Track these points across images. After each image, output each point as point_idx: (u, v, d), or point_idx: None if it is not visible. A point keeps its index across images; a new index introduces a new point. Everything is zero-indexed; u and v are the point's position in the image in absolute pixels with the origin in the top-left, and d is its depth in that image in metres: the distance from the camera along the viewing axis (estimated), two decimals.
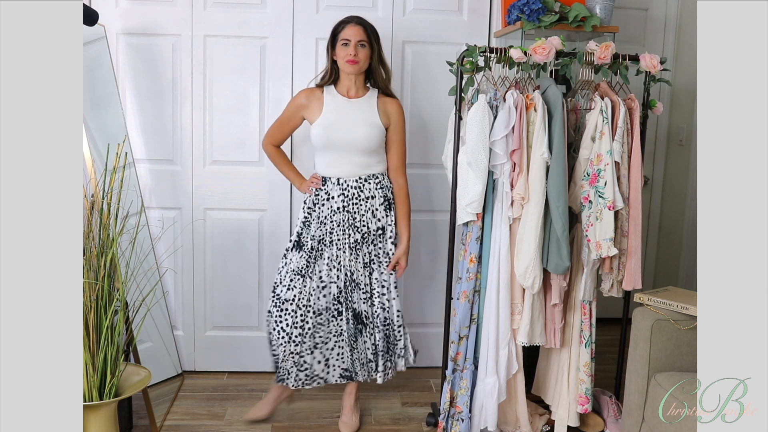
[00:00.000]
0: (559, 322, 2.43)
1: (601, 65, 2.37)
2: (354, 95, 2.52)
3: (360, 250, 2.51)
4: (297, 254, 2.52)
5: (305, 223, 2.53)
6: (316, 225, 2.51)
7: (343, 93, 2.52)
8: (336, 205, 2.49)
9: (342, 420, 2.64)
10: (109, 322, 2.10)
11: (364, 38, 2.43)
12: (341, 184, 2.50)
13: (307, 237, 2.52)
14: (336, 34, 2.46)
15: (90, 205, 2.16)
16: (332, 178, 2.51)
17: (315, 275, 2.50)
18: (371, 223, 2.52)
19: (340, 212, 2.49)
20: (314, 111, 2.51)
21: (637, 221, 2.35)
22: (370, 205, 2.52)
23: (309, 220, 2.53)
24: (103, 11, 2.75)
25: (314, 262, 2.50)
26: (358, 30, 2.43)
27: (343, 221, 2.49)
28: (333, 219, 2.50)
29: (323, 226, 2.51)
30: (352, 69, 2.44)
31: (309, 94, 2.54)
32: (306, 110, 2.54)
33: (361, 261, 2.52)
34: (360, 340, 2.54)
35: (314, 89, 2.55)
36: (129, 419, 2.56)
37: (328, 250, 2.50)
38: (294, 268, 2.51)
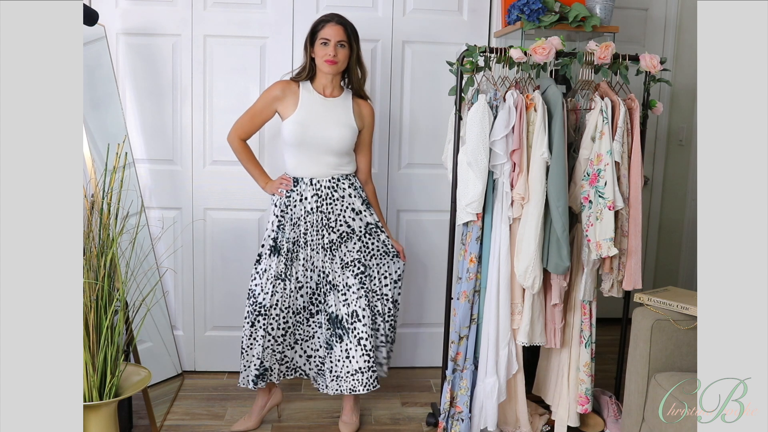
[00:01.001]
0: (559, 322, 2.43)
1: (601, 65, 2.37)
2: (330, 94, 2.48)
3: (337, 251, 2.48)
4: (275, 259, 2.47)
5: (279, 226, 2.49)
6: (289, 227, 2.47)
7: (320, 90, 2.48)
8: (309, 206, 2.46)
9: (342, 420, 2.64)
10: (109, 322, 2.10)
11: (344, 38, 2.40)
12: (314, 184, 2.46)
13: (283, 240, 2.48)
14: (315, 31, 2.41)
15: (90, 205, 2.16)
16: (305, 179, 2.46)
17: (293, 277, 2.49)
18: (354, 222, 2.50)
19: (313, 213, 2.46)
20: (288, 105, 2.45)
21: (637, 221, 2.35)
22: (348, 204, 2.49)
23: (282, 223, 2.48)
24: (103, 11, 2.75)
25: (291, 264, 2.48)
26: (339, 30, 2.39)
27: (316, 221, 2.46)
28: (307, 220, 2.46)
29: (297, 228, 2.47)
30: (330, 69, 2.40)
31: (285, 87, 2.47)
32: (280, 103, 2.46)
33: (338, 262, 2.48)
34: (337, 349, 2.48)
35: (290, 82, 2.48)
36: (129, 419, 2.56)
37: (302, 251, 2.48)
38: (274, 273, 2.47)
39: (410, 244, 3.13)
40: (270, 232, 2.50)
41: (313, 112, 2.44)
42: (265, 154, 2.98)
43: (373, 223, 2.55)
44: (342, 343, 2.47)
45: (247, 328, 2.50)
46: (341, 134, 2.44)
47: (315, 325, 2.55)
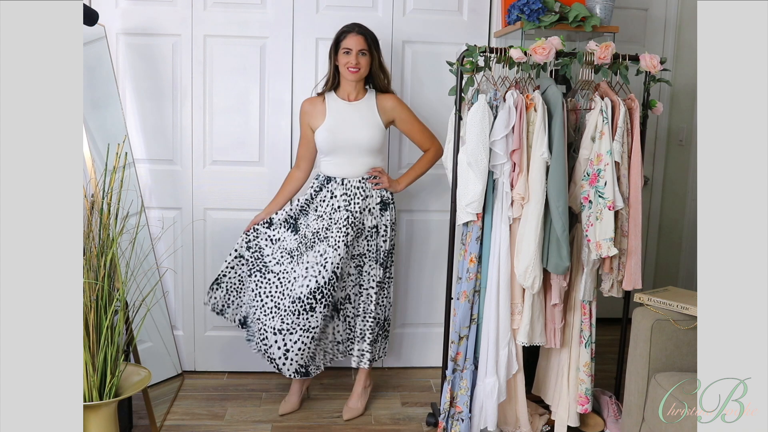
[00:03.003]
0: (559, 322, 2.43)
1: (601, 65, 2.37)
2: (354, 98, 2.62)
3: (352, 247, 2.59)
4: (291, 235, 2.61)
5: (302, 210, 2.61)
6: (314, 217, 2.59)
7: (344, 97, 2.63)
8: (337, 204, 2.56)
9: (348, 405, 2.76)
10: (109, 322, 2.10)
11: (364, 47, 2.56)
12: (345, 184, 2.58)
13: (305, 224, 2.60)
14: (338, 41, 2.57)
15: (90, 205, 2.16)
16: (336, 178, 2.59)
17: (302, 263, 2.57)
18: (367, 221, 2.60)
19: (339, 211, 2.56)
20: (317, 117, 2.62)
21: (637, 221, 2.35)
22: (367, 203, 2.60)
23: (307, 209, 2.61)
24: (103, 11, 2.75)
25: (304, 251, 2.57)
26: (359, 39, 2.54)
27: (341, 219, 2.55)
28: (332, 216, 2.56)
29: (321, 221, 2.57)
30: (353, 77, 2.57)
31: (310, 103, 2.67)
32: (310, 117, 2.64)
33: (349, 254, 2.60)
34: (329, 327, 2.66)
35: (314, 98, 2.68)
36: (129, 419, 2.56)
37: (320, 245, 2.55)
38: (287, 247, 2.60)
39: (410, 244, 3.14)
40: (292, 209, 2.62)
41: (341, 118, 2.59)
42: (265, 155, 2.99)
43: (375, 226, 2.63)
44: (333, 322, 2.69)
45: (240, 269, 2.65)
46: (370, 134, 2.58)
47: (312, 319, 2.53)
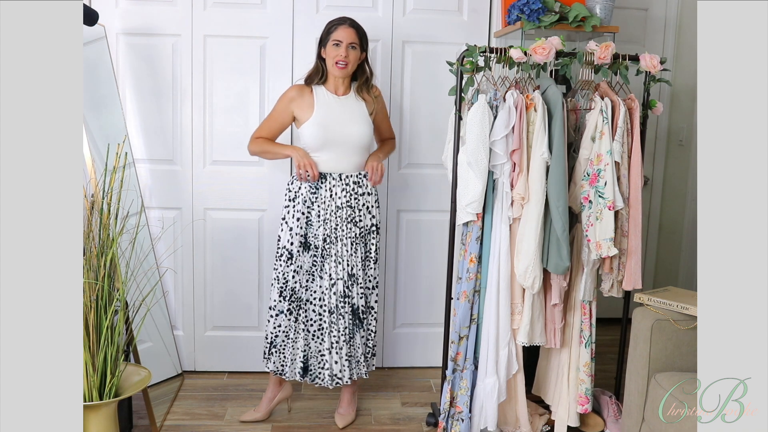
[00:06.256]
0: (559, 322, 2.43)
1: (601, 65, 2.37)
2: (342, 93, 2.56)
3: (359, 245, 2.55)
4: (306, 255, 2.54)
5: (308, 223, 2.53)
6: (318, 223, 2.52)
7: (332, 91, 2.56)
8: (339, 201, 2.52)
9: (338, 412, 2.70)
10: (109, 322, 2.10)
11: (355, 40, 2.48)
12: (344, 179, 2.53)
13: (312, 237, 2.53)
14: (328, 33, 2.49)
15: (90, 205, 2.16)
16: (333, 174, 2.52)
17: (326, 274, 2.53)
18: (366, 219, 2.58)
19: (343, 208, 2.52)
20: (304, 108, 2.52)
21: (637, 221, 2.35)
22: (365, 201, 2.57)
23: (310, 219, 2.53)
24: (103, 11, 2.75)
25: (323, 261, 2.53)
26: (351, 32, 2.47)
27: (346, 216, 2.52)
28: (337, 215, 2.52)
29: (327, 224, 2.52)
30: (340, 73, 2.48)
31: (300, 89, 2.55)
32: (297, 105, 2.52)
33: (359, 255, 2.56)
34: (357, 336, 2.58)
35: (303, 86, 2.56)
36: (129, 419, 2.56)
37: (334, 247, 2.52)
38: (307, 269, 2.54)
39: (410, 244, 3.13)
40: (297, 228, 2.53)
41: (331, 112, 2.51)
42: None
43: (374, 225, 2.60)
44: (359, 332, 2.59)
45: (289, 322, 2.55)
46: (361, 130, 2.53)
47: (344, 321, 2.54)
